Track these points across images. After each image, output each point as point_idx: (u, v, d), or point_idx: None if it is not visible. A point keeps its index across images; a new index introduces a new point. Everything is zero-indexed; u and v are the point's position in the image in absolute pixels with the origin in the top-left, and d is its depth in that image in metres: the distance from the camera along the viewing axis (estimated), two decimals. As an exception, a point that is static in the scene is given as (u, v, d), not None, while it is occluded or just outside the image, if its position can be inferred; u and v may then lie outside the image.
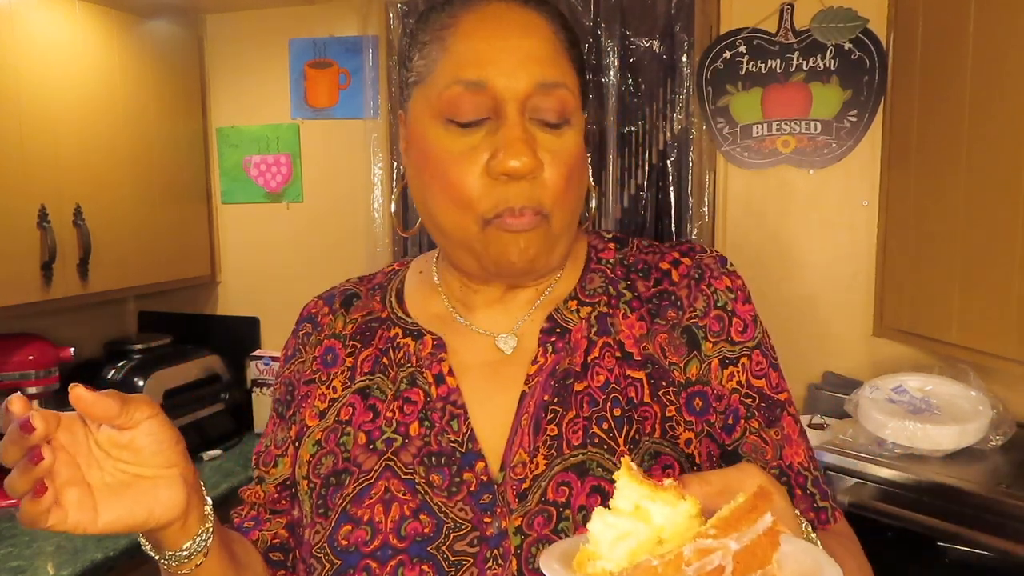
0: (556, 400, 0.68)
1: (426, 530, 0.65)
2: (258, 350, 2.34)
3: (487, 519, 0.65)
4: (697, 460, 0.68)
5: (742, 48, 1.88)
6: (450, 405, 0.70)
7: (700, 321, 0.71)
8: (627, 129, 2.06)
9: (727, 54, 1.90)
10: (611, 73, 2.02)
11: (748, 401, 0.70)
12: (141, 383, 1.98)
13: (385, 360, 0.74)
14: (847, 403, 1.65)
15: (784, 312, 1.90)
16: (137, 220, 2.09)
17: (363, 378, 0.74)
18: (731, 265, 0.74)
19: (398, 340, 0.74)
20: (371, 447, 0.70)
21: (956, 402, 1.59)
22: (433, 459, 0.68)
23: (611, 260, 0.76)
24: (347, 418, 0.72)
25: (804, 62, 1.84)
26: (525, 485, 0.65)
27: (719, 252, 0.75)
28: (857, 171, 1.85)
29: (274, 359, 2.25)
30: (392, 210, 0.82)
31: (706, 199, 1.97)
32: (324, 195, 2.33)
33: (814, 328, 1.91)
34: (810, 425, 1.72)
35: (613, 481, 0.61)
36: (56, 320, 2.13)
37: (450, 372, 0.71)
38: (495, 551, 0.64)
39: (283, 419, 0.77)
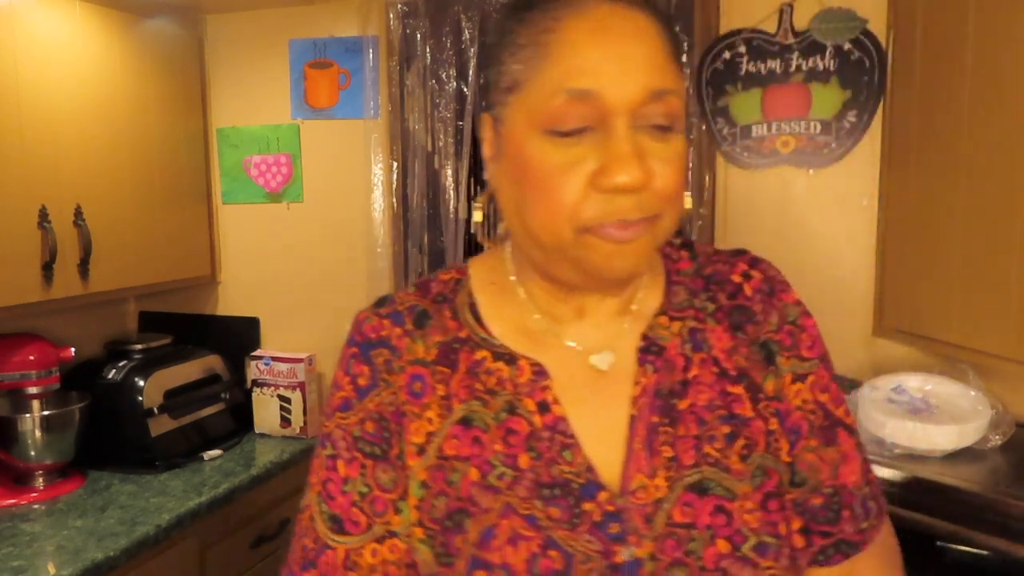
0: (666, 420, 0.67)
1: (557, 565, 0.63)
2: (258, 350, 2.34)
3: (616, 547, 0.64)
4: (801, 472, 0.70)
5: (742, 48, 1.88)
6: (559, 435, 0.67)
7: (775, 336, 0.72)
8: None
9: (727, 54, 1.90)
10: (611, 73, 2.02)
11: (811, 418, 0.71)
12: (141, 383, 1.98)
13: (478, 385, 0.69)
14: (846, 403, 1.65)
15: (784, 312, 1.89)
16: (137, 220, 2.09)
17: (461, 407, 0.69)
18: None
19: (487, 364, 0.70)
20: (485, 483, 0.66)
21: (956, 402, 1.59)
22: (547, 491, 0.65)
23: (688, 271, 0.75)
24: (452, 453, 0.67)
25: (804, 62, 1.84)
26: (649, 510, 0.65)
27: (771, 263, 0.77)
28: (857, 171, 1.84)
29: (275, 359, 2.25)
30: (476, 220, 0.79)
31: (706, 199, 1.97)
32: (324, 195, 2.33)
33: (814, 328, 1.90)
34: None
35: (732, 498, 0.65)
36: (56, 320, 2.14)
37: (555, 401, 0.68)
38: None
39: (382, 459, 0.69)
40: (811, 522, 0.71)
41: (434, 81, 2.18)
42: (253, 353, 2.30)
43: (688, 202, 0.81)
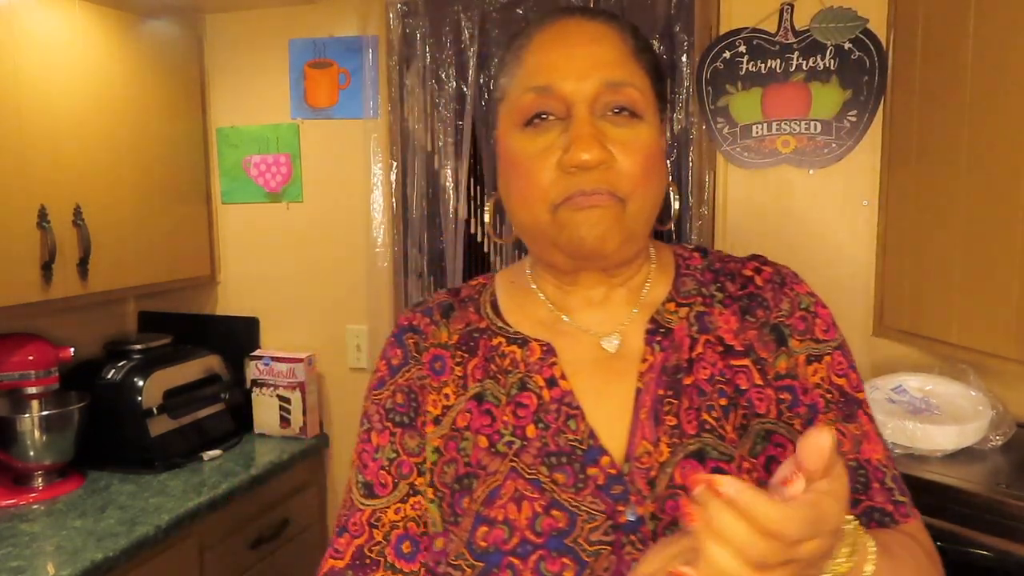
0: (670, 393, 0.72)
1: (560, 524, 0.68)
2: (258, 350, 2.34)
3: (620, 508, 0.68)
4: None
5: (742, 48, 1.88)
6: (565, 406, 0.73)
7: (786, 320, 0.75)
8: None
9: (727, 54, 1.90)
10: (611, 73, 2.01)
11: (828, 396, 0.73)
12: (141, 383, 1.98)
13: (493, 367, 0.77)
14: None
15: (784, 312, 1.89)
16: (137, 220, 2.09)
17: (475, 385, 0.76)
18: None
19: (502, 348, 0.77)
20: (493, 450, 0.73)
21: (956, 402, 1.59)
22: (554, 458, 0.71)
23: (699, 266, 0.81)
24: (464, 424, 0.75)
25: (804, 62, 1.84)
26: (653, 473, 0.69)
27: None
28: (857, 171, 1.84)
29: (274, 359, 2.25)
30: (488, 220, 0.87)
31: (706, 199, 1.97)
32: (324, 195, 2.33)
33: (814, 328, 1.90)
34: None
35: (730, 460, 0.69)
36: (56, 320, 2.13)
37: (562, 376, 0.74)
38: (632, 536, 0.67)
39: (409, 427, 0.77)
40: None
41: (434, 81, 2.18)
42: (252, 353, 2.30)
43: (674, 199, 0.83)
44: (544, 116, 0.71)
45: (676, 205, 0.82)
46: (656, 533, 0.67)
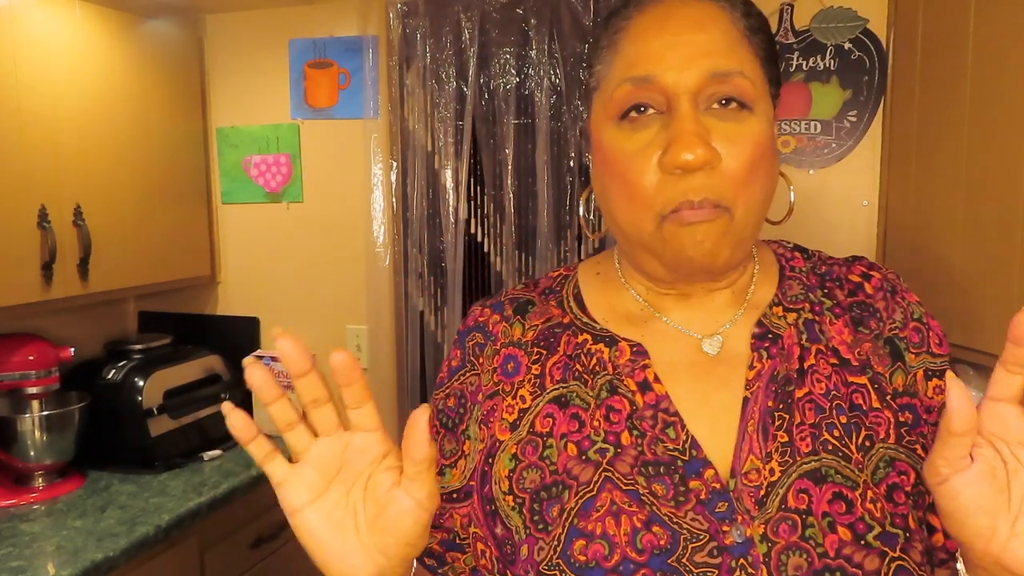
0: (781, 407, 0.66)
1: (662, 542, 0.62)
2: (258, 350, 2.34)
3: (725, 528, 0.62)
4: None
5: (742, 48, 1.88)
6: (661, 412, 0.67)
7: (901, 332, 0.70)
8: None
9: (727, 54, 1.89)
10: (611, 73, 2.01)
11: None
12: (141, 383, 1.98)
13: (578, 367, 0.71)
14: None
15: (784, 312, 1.89)
16: (137, 220, 2.09)
17: (556, 386, 0.70)
18: None
19: (588, 346, 0.71)
20: (584, 458, 0.67)
21: (956, 402, 1.59)
22: (651, 468, 0.65)
23: (803, 268, 0.76)
24: (547, 429, 0.69)
25: (804, 62, 1.84)
26: (762, 492, 0.63)
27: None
28: (857, 171, 1.85)
29: (274, 359, 2.25)
30: (580, 214, 0.81)
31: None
32: (324, 195, 2.33)
33: (814, 328, 1.91)
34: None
35: (854, 487, 0.63)
36: (56, 320, 2.14)
37: (656, 379, 0.68)
38: (741, 560, 0.61)
39: (450, 431, 0.74)
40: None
41: (434, 81, 2.18)
42: (253, 353, 2.30)
43: (790, 191, 0.79)
44: (643, 109, 0.65)
45: (792, 197, 0.76)
46: (769, 558, 0.61)
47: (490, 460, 0.71)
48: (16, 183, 1.73)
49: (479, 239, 2.23)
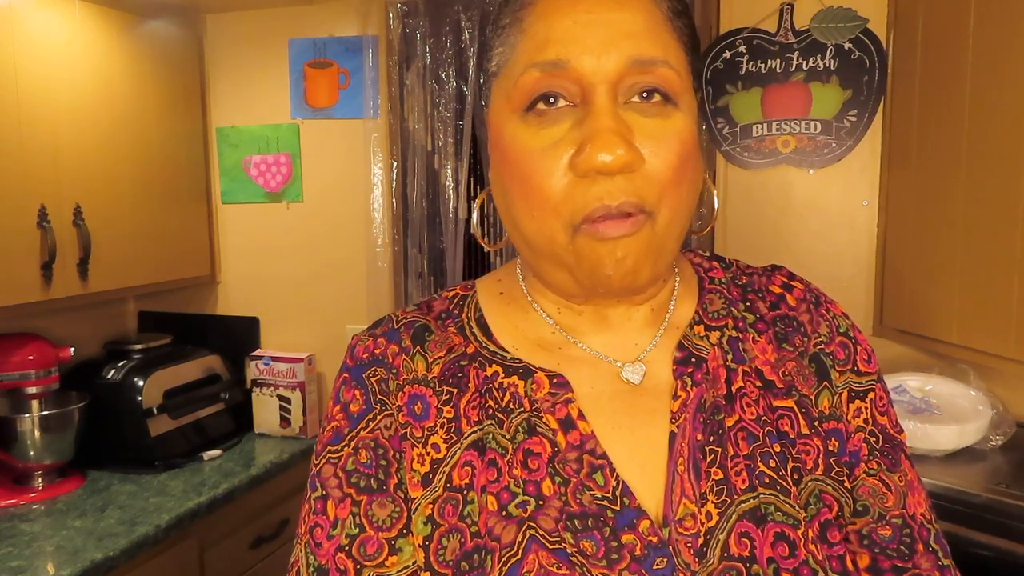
0: (712, 439, 0.59)
1: None
2: (258, 350, 2.34)
3: None
4: (861, 498, 0.61)
5: (742, 48, 1.88)
6: (587, 455, 0.58)
7: (827, 348, 0.64)
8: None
9: (727, 54, 1.90)
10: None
11: (872, 440, 0.63)
12: (141, 383, 1.98)
13: (491, 403, 0.61)
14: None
15: (784, 312, 1.89)
16: (137, 220, 2.09)
17: (473, 429, 0.60)
18: None
19: (500, 380, 0.61)
20: (504, 514, 0.57)
21: (956, 402, 1.59)
22: (577, 522, 0.56)
23: (723, 280, 0.68)
24: (466, 481, 0.58)
25: (804, 62, 1.84)
26: (700, 541, 0.56)
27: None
28: (857, 171, 1.85)
29: (274, 359, 2.25)
30: (474, 222, 0.71)
31: (705, 199, 1.96)
32: (324, 195, 2.33)
33: (814, 328, 1.90)
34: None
35: (796, 525, 0.57)
36: (56, 320, 2.14)
37: (580, 415, 0.59)
38: None
39: (378, 492, 0.60)
40: (881, 556, 0.60)
41: (434, 81, 2.18)
42: (253, 353, 2.30)
43: (715, 197, 0.72)
44: (552, 100, 0.55)
45: (716, 204, 0.68)
46: None
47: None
48: (16, 183, 1.73)
49: (479, 241, 2.22)
